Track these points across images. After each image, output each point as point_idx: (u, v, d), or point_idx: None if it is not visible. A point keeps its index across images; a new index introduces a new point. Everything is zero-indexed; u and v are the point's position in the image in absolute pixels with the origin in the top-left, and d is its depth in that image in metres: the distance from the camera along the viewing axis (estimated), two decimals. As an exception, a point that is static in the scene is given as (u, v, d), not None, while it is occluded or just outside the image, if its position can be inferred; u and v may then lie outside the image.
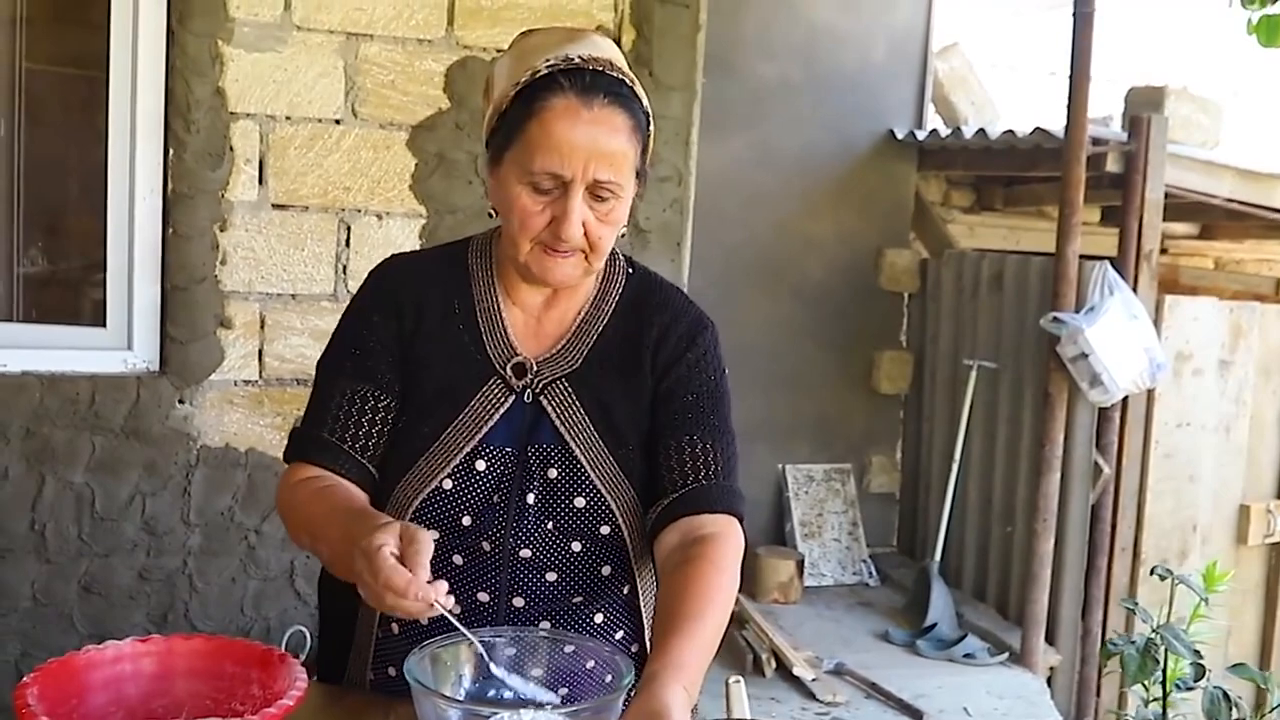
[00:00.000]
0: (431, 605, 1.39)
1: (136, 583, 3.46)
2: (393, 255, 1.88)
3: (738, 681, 1.79)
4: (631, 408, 1.74)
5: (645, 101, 1.66)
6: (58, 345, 3.44)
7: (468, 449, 1.69)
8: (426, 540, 1.42)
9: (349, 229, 3.55)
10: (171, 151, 3.38)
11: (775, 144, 5.47)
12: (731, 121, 5.25)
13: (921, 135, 5.60)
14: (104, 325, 3.47)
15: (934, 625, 4.80)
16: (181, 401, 3.44)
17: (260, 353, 3.51)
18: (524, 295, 1.76)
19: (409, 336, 1.73)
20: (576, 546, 1.71)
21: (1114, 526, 4.78)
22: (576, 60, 1.60)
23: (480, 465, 1.69)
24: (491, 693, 1.52)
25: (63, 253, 3.92)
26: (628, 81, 1.63)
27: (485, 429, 1.70)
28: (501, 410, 1.71)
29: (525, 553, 1.69)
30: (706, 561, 1.60)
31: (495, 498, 1.69)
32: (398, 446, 1.72)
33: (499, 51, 3.58)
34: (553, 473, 1.69)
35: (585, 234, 1.63)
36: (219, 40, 3.36)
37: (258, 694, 1.56)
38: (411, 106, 3.56)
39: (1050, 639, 4.70)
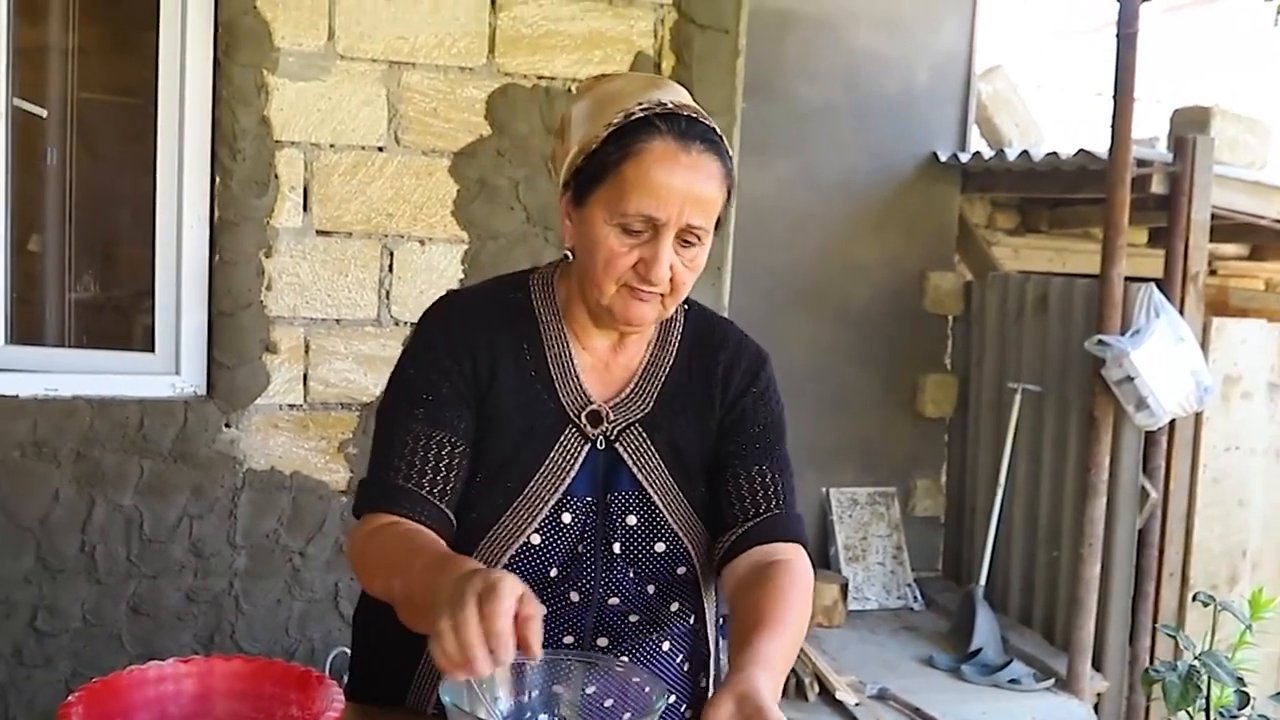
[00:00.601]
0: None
1: (184, 604, 3.51)
2: (450, 293, 1.85)
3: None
4: (701, 447, 1.75)
5: (731, 151, 1.67)
6: (108, 370, 3.50)
7: (553, 502, 1.67)
8: (540, 613, 1.30)
9: (392, 255, 3.59)
10: (218, 179, 3.43)
11: (819, 167, 5.48)
12: (775, 145, 5.26)
13: (965, 157, 5.59)
14: (152, 350, 3.52)
15: (979, 650, 4.76)
16: (228, 425, 3.49)
17: (305, 377, 3.55)
18: (593, 339, 1.75)
19: (485, 385, 1.69)
20: (651, 589, 1.72)
21: (1161, 551, 4.73)
22: (670, 105, 1.60)
23: (566, 518, 1.68)
24: (528, 715, 1.53)
25: (112, 279, 3.99)
26: (717, 130, 1.64)
27: (568, 481, 1.68)
28: (580, 460, 1.69)
29: (614, 601, 1.70)
30: (785, 578, 1.62)
31: (580, 548, 1.68)
32: (479, 501, 1.68)
33: (539, 79, 3.62)
34: (631, 520, 1.70)
35: (670, 277, 1.62)
36: (264, 70, 3.42)
37: (296, 715, 1.58)
38: (453, 133, 3.60)
39: (1097, 665, 4.65)
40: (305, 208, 3.50)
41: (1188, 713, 2.65)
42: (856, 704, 4.22)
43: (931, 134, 5.68)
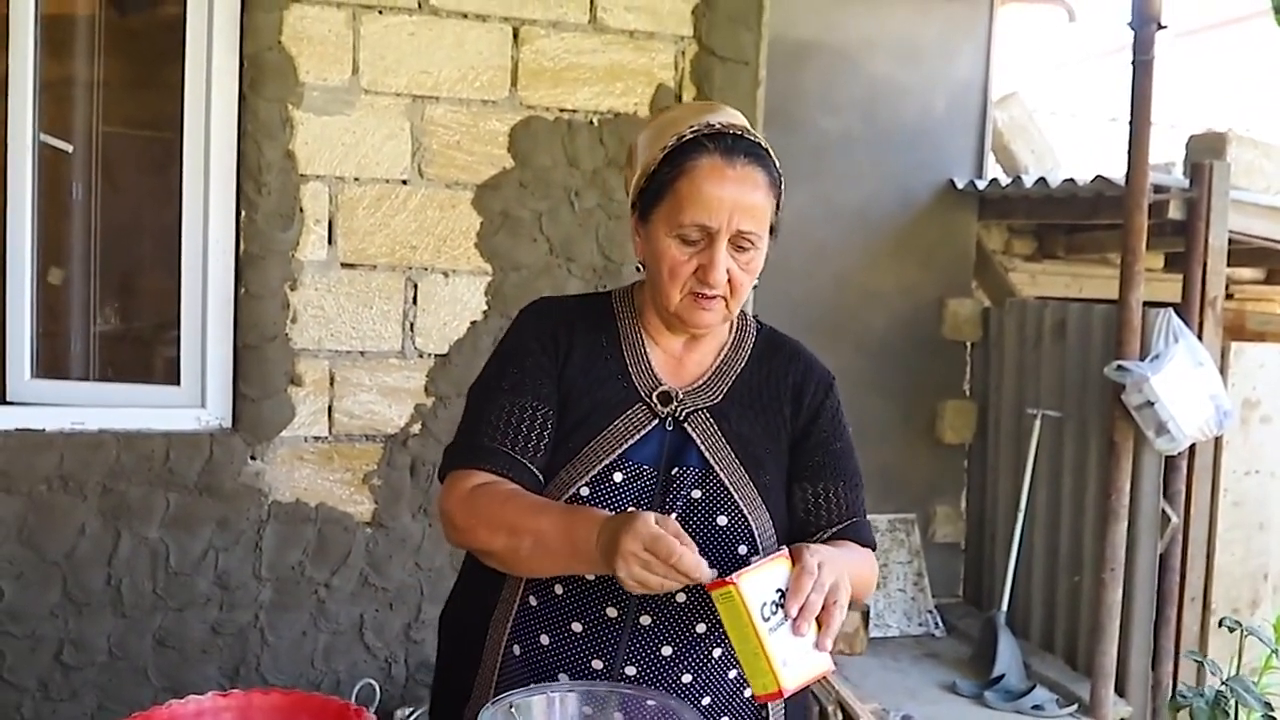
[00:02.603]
0: (707, 576, 1.51)
1: (209, 637, 3.52)
2: (542, 297, 2.02)
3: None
4: (769, 442, 1.87)
5: (778, 163, 1.80)
6: (133, 403, 3.52)
7: (606, 462, 1.78)
8: (678, 526, 1.55)
9: (416, 287, 3.62)
10: (243, 213, 3.46)
11: (837, 197, 5.50)
12: (794, 175, 5.20)
13: (982, 185, 5.61)
14: (178, 383, 3.55)
15: (1002, 676, 4.75)
16: (253, 458, 3.51)
17: (330, 409, 3.57)
18: (666, 339, 1.90)
19: (563, 361, 1.86)
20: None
21: (1183, 576, 4.72)
22: (717, 125, 1.77)
23: (617, 477, 1.77)
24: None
25: (138, 312, 4.01)
26: (763, 144, 1.78)
27: (625, 446, 1.80)
28: (643, 431, 1.82)
29: None
30: (855, 549, 1.85)
31: (631, 509, 1.74)
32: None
33: (562, 111, 3.65)
34: (696, 493, 1.79)
35: (729, 280, 1.76)
36: (289, 104, 3.45)
37: (335, 749, 1.59)
38: (476, 166, 3.62)
39: (1120, 690, 4.63)
40: (330, 240, 3.53)
41: (1217, 739, 2.65)
42: (880, 732, 4.21)
43: (949, 162, 5.69)
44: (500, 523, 1.71)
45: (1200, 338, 4.53)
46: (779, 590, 1.52)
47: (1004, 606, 5.03)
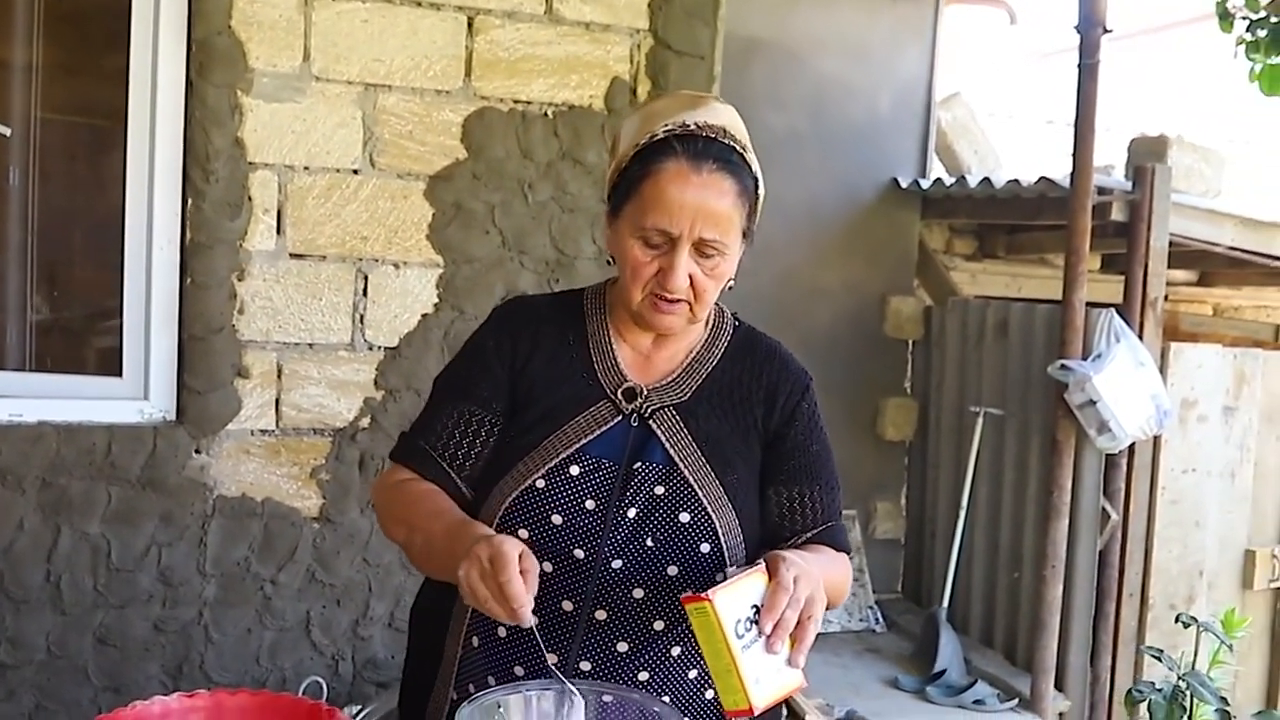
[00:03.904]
0: (523, 619, 1.50)
1: (152, 634, 3.44)
2: (516, 296, 2.07)
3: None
4: (738, 442, 1.84)
5: (755, 168, 1.78)
6: (74, 395, 3.44)
7: (564, 455, 1.78)
8: (536, 566, 1.54)
9: (366, 278, 3.56)
10: (190, 201, 3.39)
11: (783, 194, 5.46)
12: (740, 171, 5.27)
13: (926, 184, 5.64)
14: (120, 375, 3.47)
15: (943, 671, 4.78)
16: (198, 451, 3.44)
17: (277, 402, 3.51)
18: (635, 336, 1.89)
19: (522, 362, 1.86)
20: (673, 570, 1.74)
21: (1121, 572, 4.77)
22: (691, 127, 1.73)
23: (574, 470, 1.77)
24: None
25: (78, 302, 3.91)
26: (738, 149, 1.75)
27: (584, 440, 1.79)
28: (605, 427, 1.81)
29: (617, 564, 1.73)
30: (828, 552, 1.83)
31: (589, 504, 1.75)
32: (502, 455, 1.82)
33: (516, 102, 3.62)
34: (659, 490, 1.77)
35: (692, 285, 1.75)
36: (238, 91, 3.39)
37: (308, 749, 1.56)
38: (429, 157, 3.58)
39: (1059, 685, 4.68)
40: (279, 230, 3.47)
41: (1169, 734, 2.68)
42: (826, 728, 4.22)
43: (893, 161, 5.72)
44: (403, 518, 1.80)
45: (1141, 338, 4.59)
46: (754, 606, 1.50)
47: (945, 602, 5.07)
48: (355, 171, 3.52)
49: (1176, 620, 2.71)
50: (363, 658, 3.65)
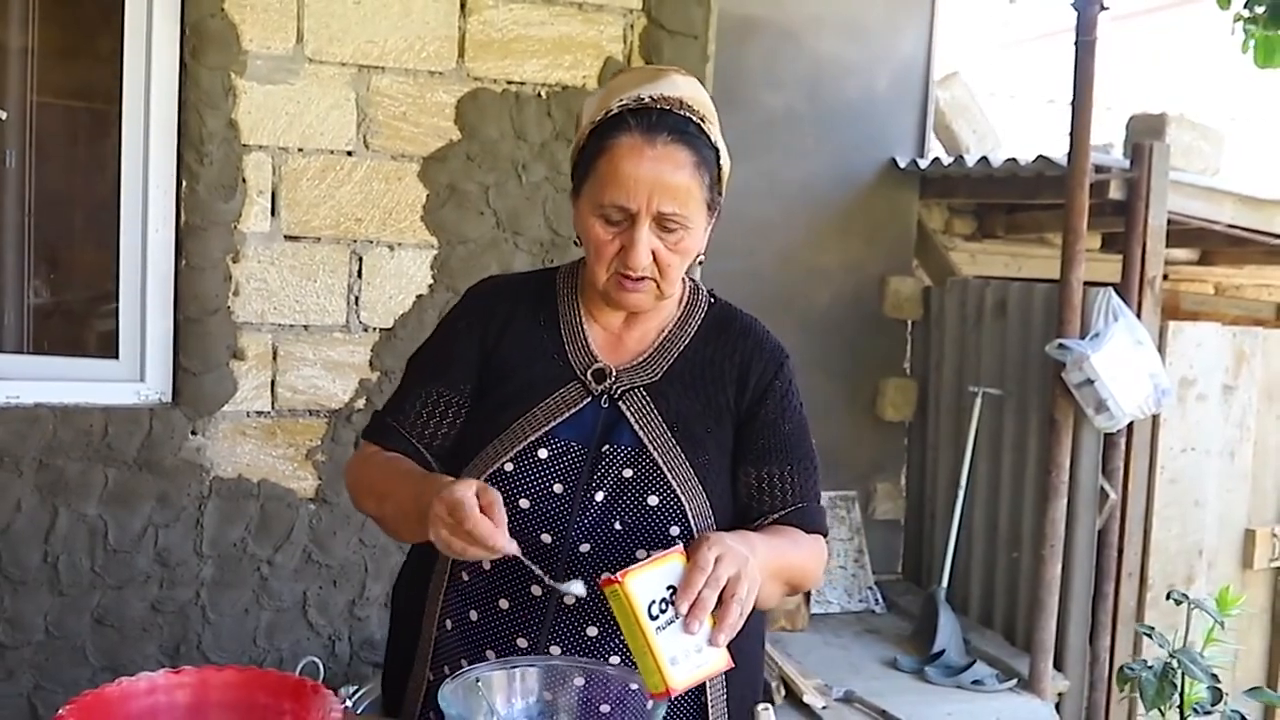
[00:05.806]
0: (505, 550, 1.51)
1: (149, 615, 3.46)
2: (489, 276, 2.05)
3: (766, 709, 1.81)
4: (710, 423, 1.82)
5: (714, 137, 1.75)
6: (70, 377, 3.45)
7: (532, 438, 1.76)
8: (499, 496, 1.53)
9: (361, 260, 3.57)
10: (184, 183, 3.40)
11: (781, 174, 5.49)
12: (738, 152, 5.15)
13: (924, 164, 5.63)
14: (116, 357, 3.48)
15: (942, 652, 4.79)
16: (194, 433, 3.45)
17: (273, 384, 3.52)
18: (605, 315, 1.87)
19: (493, 341, 1.86)
20: (642, 554, 1.71)
21: (1120, 552, 4.77)
22: (646, 100, 1.71)
23: (542, 453, 1.76)
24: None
25: (74, 285, 3.92)
26: (694, 119, 1.72)
27: (553, 422, 1.78)
28: (575, 409, 1.79)
29: (585, 548, 1.72)
30: (798, 534, 1.81)
31: (557, 487, 1.74)
32: (472, 436, 1.82)
33: (509, 83, 3.62)
34: (627, 472, 1.75)
35: (656, 261, 1.72)
36: (232, 73, 3.39)
37: (292, 725, 1.57)
38: (423, 138, 3.58)
39: (1058, 664, 4.69)
40: (273, 212, 3.47)
41: (1160, 710, 2.68)
42: (824, 707, 4.23)
43: (891, 140, 5.70)
44: (373, 489, 1.82)
45: (1139, 317, 4.58)
46: (670, 587, 1.49)
47: (944, 583, 5.07)
48: (349, 153, 3.53)
49: (1168, 598, 2.70)
50: (359, 638, 3.66)
